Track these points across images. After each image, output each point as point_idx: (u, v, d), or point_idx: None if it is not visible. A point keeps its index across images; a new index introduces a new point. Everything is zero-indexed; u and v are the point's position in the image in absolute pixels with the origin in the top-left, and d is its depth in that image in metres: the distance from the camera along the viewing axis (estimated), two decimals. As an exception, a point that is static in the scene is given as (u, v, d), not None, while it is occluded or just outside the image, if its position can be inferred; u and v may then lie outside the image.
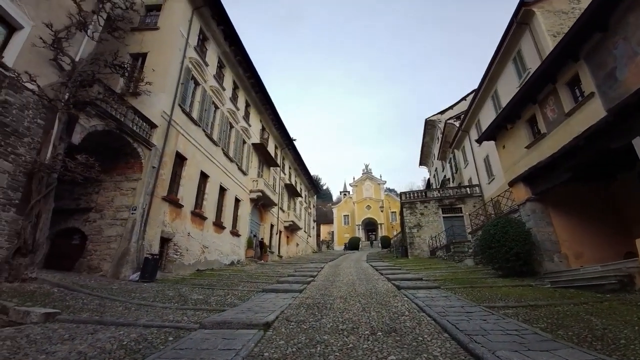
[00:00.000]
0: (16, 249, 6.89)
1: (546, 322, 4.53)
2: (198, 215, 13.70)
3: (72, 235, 9.98)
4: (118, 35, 10.46)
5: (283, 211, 27.75)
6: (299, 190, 33.35)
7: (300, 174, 35.52)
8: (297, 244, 32.46)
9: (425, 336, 4.04)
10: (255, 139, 21.77)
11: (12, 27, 7.88)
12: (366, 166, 57.18)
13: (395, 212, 47.54)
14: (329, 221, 58.11)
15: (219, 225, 15.64)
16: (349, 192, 59.07)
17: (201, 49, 15.04)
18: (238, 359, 3.24)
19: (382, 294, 7.37)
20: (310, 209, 40.87)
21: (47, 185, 7.40)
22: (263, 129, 23.79)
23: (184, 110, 13.12)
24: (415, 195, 22.09)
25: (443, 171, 31.63)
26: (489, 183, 18.98)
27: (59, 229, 9.84)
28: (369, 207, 52.64)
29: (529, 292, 7.15)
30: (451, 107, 30.00)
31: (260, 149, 21.98)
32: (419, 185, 71.29)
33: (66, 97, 8.13)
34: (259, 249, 20.83)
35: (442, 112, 29.91)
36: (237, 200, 18.30)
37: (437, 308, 5.51)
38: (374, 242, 49.24)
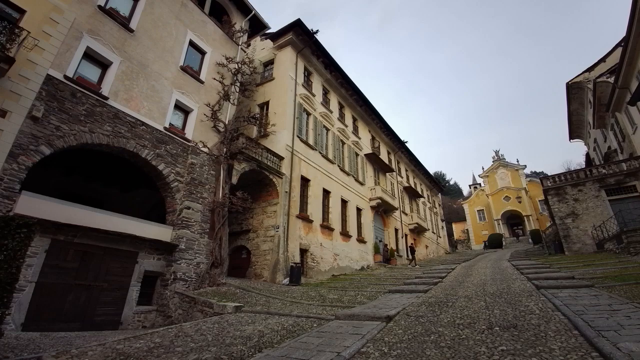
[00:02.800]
0: (212, 263, 9.95)
1: None
2: (326, 227, 15.66)
3: (241, 251, 13.28)
4: (248, 95, 13.58)
5: (405, 214, 27.69)
6: (419, 191, 32.53)
7: (419, 174, 34.60)
8: (426, 246, 31.45)
9: (549, 332, 3.99)
10: (367, 149, 22.94)
11: (186, 112, 11.48)
12: (496, 152, 50.17)
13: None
14: (461, 218, 53.35)
15: (345, 234, 17.29)
16: (479, 184, 52.96)
17: (307, 83, 17.43)
18: (363, 341, 4.16)
19: (514, 294, 6.99)
20: (436, 208, 38.89)
21: (223, 217, 10.41)
22: (373, 139, 24.78)
23: (301, 140, 15.49)
24: (563, 178, 18.39)
25: (605, 141, 24.91)
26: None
27: (233, 247, 13.27)
28: (507, 197, 45.77)
29: None
30: (603, 60, 23.69)
31: (372, 158, 22.99)
32: (579, 163, 57.08)
33: (224, 151, 11.22)
34: (386, 253, 21.59)
35: (589, 70, 23.94)
36: (358, 210, 19.70)
37: (576, 307, 5.06)
38: (520, 237, 42.31)
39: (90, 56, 8.92)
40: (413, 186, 31.24)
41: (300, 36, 16.49)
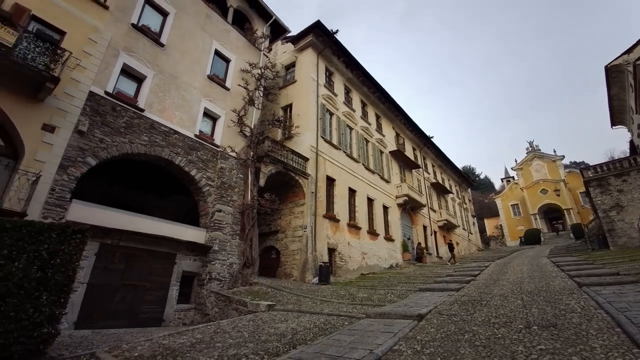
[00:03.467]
0: (243, 263, 10.32)
1: None
2: (353, 226, 15.68)
3: (271, 251, 13.63)
4: (272, 98, 13.90)
5: (434, 211, 27.05)
6: (447, 186, 31.65)
7: (446, 169, 33.64)
8: (457, 243, 30.52)
9: (591, 331, 3.84)
10: (392, 146, 22.66)
11: (214, 118, 11.95)
12: (530, 143, 47.53)
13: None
14: (494, 214, 51.13)
15: (372, 233, 17.22)
16: (512, 177, 50.49)
17: (329, 83, 17.52)
18: (395, 339, 4.20)
19: (553, 292, 6.70)
20: (465, 203, 37.62)
21: (252, 218, 10.75)
22: (397, 135, 24.43)
23: (325, 140, 15.61)
24: (605, 168, 17.17)
25: (653, 127, 22.95)
26: None
27: (263, 247, 13.65)
28: (544, 191, 43.27)
29: None
30: (647, 38, 21.83)
31: (397, 155, 22.68)
32: (623, 151, 52.89)
33: (251, 155, 11.58)
34: (420, 251, 21.25)
35: (628, 51, 22.16)
36: (385, 208, 19.53)
37: (620, 304, 4.80)
38: (560, 232, 39.88)
39: (126, 72, 9.56)
40: (441, 182, 30.43)
41: (320, 37, 16.61)
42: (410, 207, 22.25)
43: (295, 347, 4.25)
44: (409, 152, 24.99)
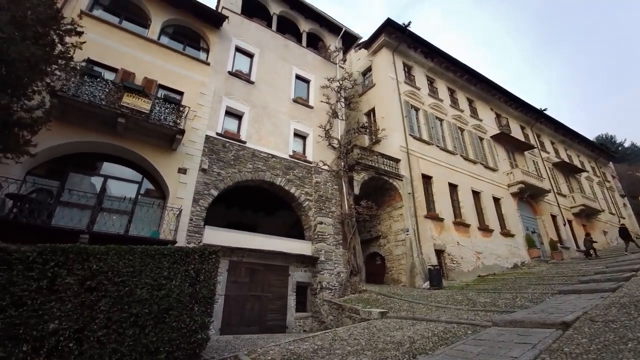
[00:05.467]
0: (350, 271, 10.55)
1: None
2: (459, 224, 14.35)
3: (375, 258, 13.58)
4: (354, 107, 14.13)
5: (563, 196, 22.58)
6: (577, 164, 26.08)
7: (573, 143, 27.79)
8: (604, 232, 24.61)
9: None
10: (493, 130, 20.08)
11: (303, 137, 12.76)
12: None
13: None
14: (655, 189, 39.41)
15: (484, 229, 15.40)
16: (678, 138, 38.23)
17: (409, 78, 16.79)
18: (535, 351, 3.63)
19: None
20: (608, 181, 30.15)
21: (352, 227, 10.98)
22: (498, 117, 21.55)
23: (414, 137, 14.91)
24: None
25: None
26: None
27: (366, 254, 13.72)
28: None
29: None
30: None
31: (502, 138, 19.94)
32: None
33: (342, 165, 11.92)
34: (546, 246, 18.00)
35: None
36: (495, 200, 17.28)
37: None
38: None
39: (229, 112, 11.18)
40: (567, 160, 25.30)
41: (392, 34, 16.19)
42: (529, 196, 19.10)
43: (415, 357, 4.10)
44: (516, 133, 21.68)
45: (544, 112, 24.04)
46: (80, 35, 6.54)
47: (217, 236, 9.30)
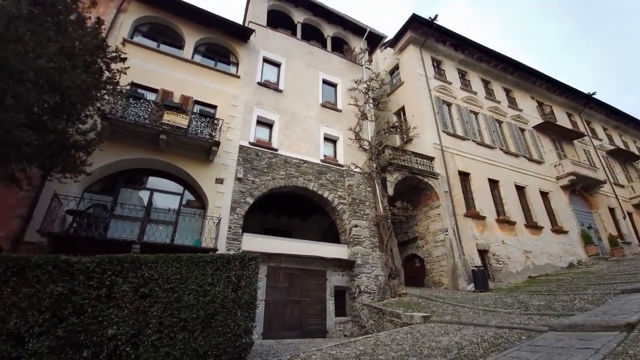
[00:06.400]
0: (388, 274, 10.32)
1: None
2: (503, 221, 13.52)
3: (413, 260, 13.17)
4: (382, 107, 13.93)
5: (621, 186, 20.50)
6: (633, 150, 23.60)
7: (629, 128, 25.17)
8: (676, 224, 21.90)
9: None
10: (535, 119, 18.77)
11: (333, 141, 12.77)
12: None
13: None
14: None
15: (532, 226, 14.37)
16: None
17: (439, 73, 16.24)
18: (599, 356, 3.30)
19: None
20: (677, 168, 26.83)
21: (388, 229, 10.75)
22: (540, 105, 20.12)
23: (448, 133, 14.34)
24: None
25: None
26: None
27: (404, 256, 13.35)
28: None
29: None
30: None
31: (546, 127, 18.58)
32: None
33: (374, 167, 11.76)
34: (602, 242, 16.40)
35: None
36: (543, 194, 16.08)
37: None
38: None
39: (260, 122, 11.50)
40: (622, 147, 22.97)
41: (419, 30, 15.80)
42: (581, 188, 17.55)
43: (465, 364, 3.90)
44: (562, 121, 20.08)
45: (593, 96, 22.05)
46: (124, 61, 7.09)
47: (255, 243, 9.54)
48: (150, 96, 9.78)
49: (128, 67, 7.30)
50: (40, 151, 5.34)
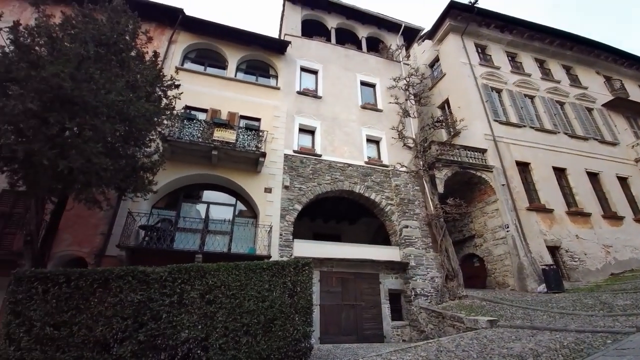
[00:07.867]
0: (445, 276, 9.83)
1: None
2: (575, 213, 12.14)
3: (471, 259, 12.38)
4: (425, 102, 13.43)
5: None
6: None
7: None
8: None
9: None
10: (603, 97, 16.66)
11: (376, 142, 12.56)
12: None
13: None
14: None
15: (610, 216, 12.70)
16: None
17: (485, 59, 15.23)
18: None
19: None
20: None
21: (441, 228, 10.27)
22: (608, 80, 17.81)
23: (500, 122, 13.34)
24: None
25: None
26: None
27: (461, 256, 12.62)
28: None
29: None
30: None
31: (618, 104, 16.40)
32: None
33: (421, 164, 11.35)
34: None
35: None
36: (621, 179, 14.16)
37: None
38: None
39: (302, 129, 11.76)
40: None
41: (458, 17, 15.00)
42: (670, 169, 15.12)
43: (544, 372, 3.56)
44: (635, 96, 17.54)
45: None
46: (178, 87, 7.79)
47: (306, 248, 9.72)
48: (201, 116, 10.55)
49: (182, 93, 7.99)
50: (116, 175, 6.04)
